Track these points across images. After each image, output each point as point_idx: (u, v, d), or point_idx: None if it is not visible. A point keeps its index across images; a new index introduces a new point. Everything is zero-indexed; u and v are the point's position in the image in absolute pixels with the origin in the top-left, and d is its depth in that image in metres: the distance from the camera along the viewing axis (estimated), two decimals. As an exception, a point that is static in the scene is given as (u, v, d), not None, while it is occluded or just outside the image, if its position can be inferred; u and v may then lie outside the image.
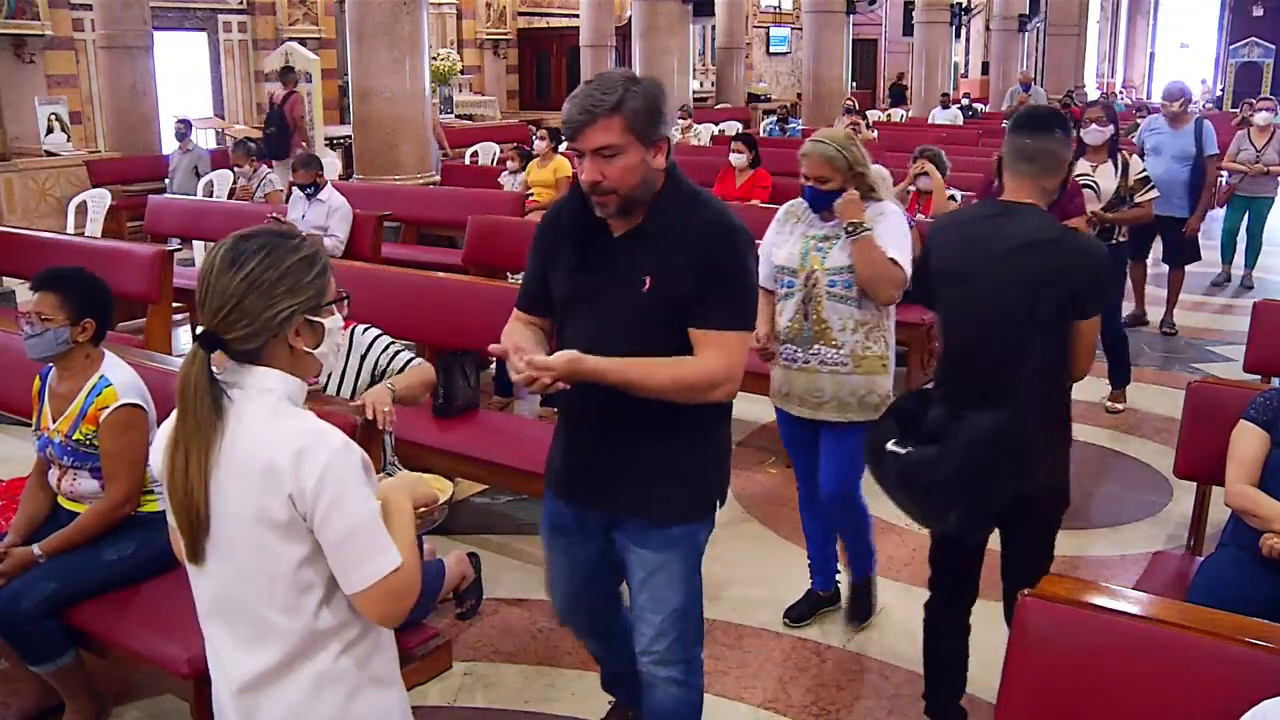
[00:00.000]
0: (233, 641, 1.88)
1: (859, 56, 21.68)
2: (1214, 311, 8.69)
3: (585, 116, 2.21)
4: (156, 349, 5.25)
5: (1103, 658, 1.98)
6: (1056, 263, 2.71)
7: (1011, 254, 2.73)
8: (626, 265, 2.33)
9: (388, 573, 1.78)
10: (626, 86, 2.23)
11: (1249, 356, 4.49)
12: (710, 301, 2.30)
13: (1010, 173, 2.83)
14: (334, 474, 1.75)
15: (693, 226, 2.31)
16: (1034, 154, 2.79)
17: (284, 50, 12.03)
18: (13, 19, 10.90)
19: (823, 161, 3.33)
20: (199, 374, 1.78)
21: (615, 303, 2.34)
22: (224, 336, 1.80)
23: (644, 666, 2.56)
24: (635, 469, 2.42)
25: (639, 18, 13.99)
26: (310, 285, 1.84)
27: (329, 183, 7.13)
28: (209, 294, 1.80)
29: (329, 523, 1.76)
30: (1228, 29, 31.57)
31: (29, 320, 3.04)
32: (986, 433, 2.66)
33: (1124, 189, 5.71)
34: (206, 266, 1.82)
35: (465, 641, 3.66)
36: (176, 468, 1.79)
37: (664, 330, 2.31)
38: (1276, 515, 2.89)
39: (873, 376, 3.42)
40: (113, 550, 3.04)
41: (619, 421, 2.37)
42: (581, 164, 2.26)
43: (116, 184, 10.48)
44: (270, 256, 1.80)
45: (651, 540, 2.45)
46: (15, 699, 3.26)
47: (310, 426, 1.79)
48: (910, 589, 4.06)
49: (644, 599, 2.50)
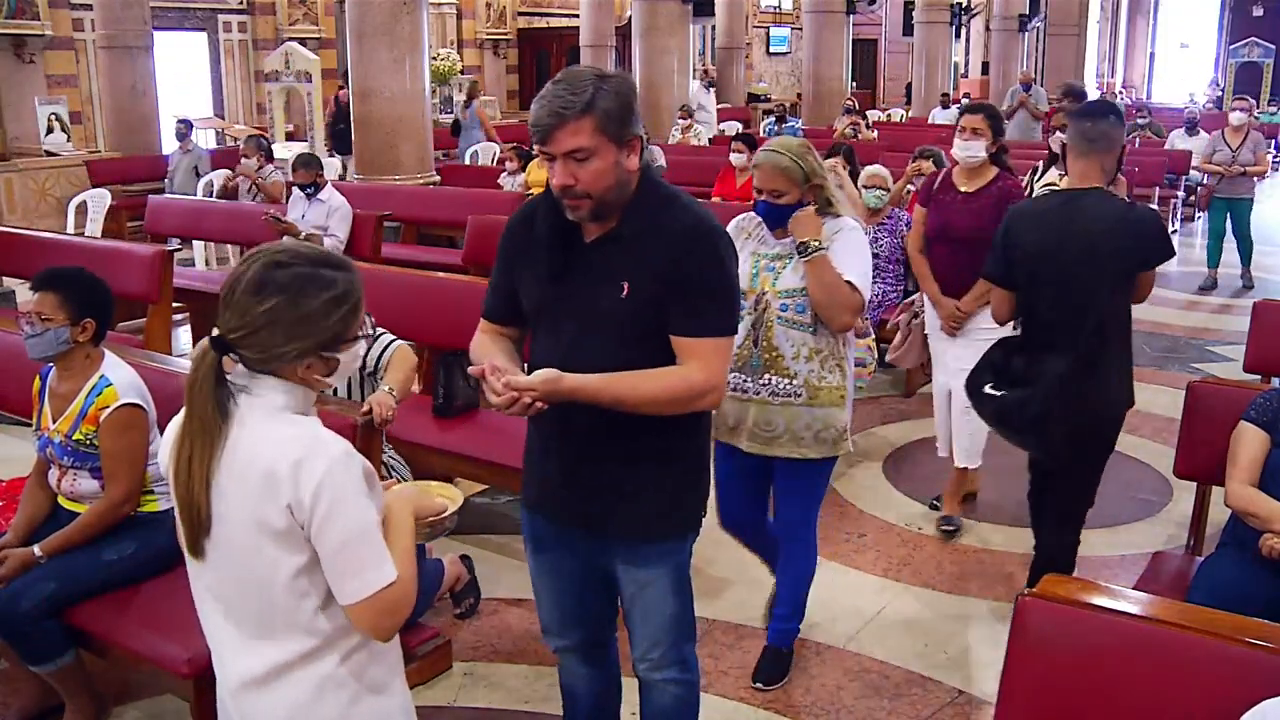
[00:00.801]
0: (231, 639, 1.88)
1: (859, 56, 21.65)
2: (1214, 311, 8.69)
3: (554, 119, 2.10)
4: (156, 349, 5.25)
5: (1103, 658, 1.98)
6: (1126, 235, 3.35)
7: (1086, 233, 3.35)
8: (602, 271, 2.23)
9: (382, 586, 1.77)
10: (596, 85, 2.11)
11: (1249, 356, 4.49)
12: (691, 307, 2.21)
13: (1075, 154, 3.45)
14: (332, 483, 1.74)
15: (670, 229, 2.21)
16: (1095, 136, 3.40)
17: (284, 50, 12.02)
18: (13, 19, 10.90)
19: (776, 172, 3.08)
20: (206, 374, 1.78)
21: (592, 309, 2.24)
22: (236, 349, 1.80)
23: (641, 672, 2.55)
24: (617, 486, 2.34)
25: (639, 18, 13.98)
26: (330, 326, 1.81)
27: (329, 183, 7.13)
28: (231, 306, 1.79)
29: (325, 532, 1.75)
30: (1228, 29, 31.57)
31: (29, 320, 3.04)
32: (1064, 375, 3.33)
33: None
34: (235, 277, 1.81)
35: (465, 641, 3.66)
36: (180, 464, 1.79)
37: (643, 336, 2.23)
38: (1276, 515, 2.89)
39: (829, 409, 3.16)
40: (113, 550, 3.04)
41: (598, 438, 2.28)
42: (552, 168, 2.15)
43: (116, 184, 10.48)
44: (296, 295, 1.78)
45: (639, 556, 2.40)
46: (15, 699, 3.26)
47: (311, 435, 1.79)
48: (910, 589, 4.06)
49: (637, 612, 2.46)
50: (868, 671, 3.53)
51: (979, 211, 4.37)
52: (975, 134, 4.39)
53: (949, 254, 4.48)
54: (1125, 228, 3.36)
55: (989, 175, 4.44)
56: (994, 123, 4.43)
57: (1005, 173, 4.52)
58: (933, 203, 4.57)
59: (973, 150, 4.41)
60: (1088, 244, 3.35)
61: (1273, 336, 4.39)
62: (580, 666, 2.65)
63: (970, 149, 4.41)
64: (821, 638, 3.71)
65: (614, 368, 2.20)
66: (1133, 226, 3.37)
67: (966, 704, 3.35)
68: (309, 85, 11.44)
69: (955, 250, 4.44)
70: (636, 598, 2.44)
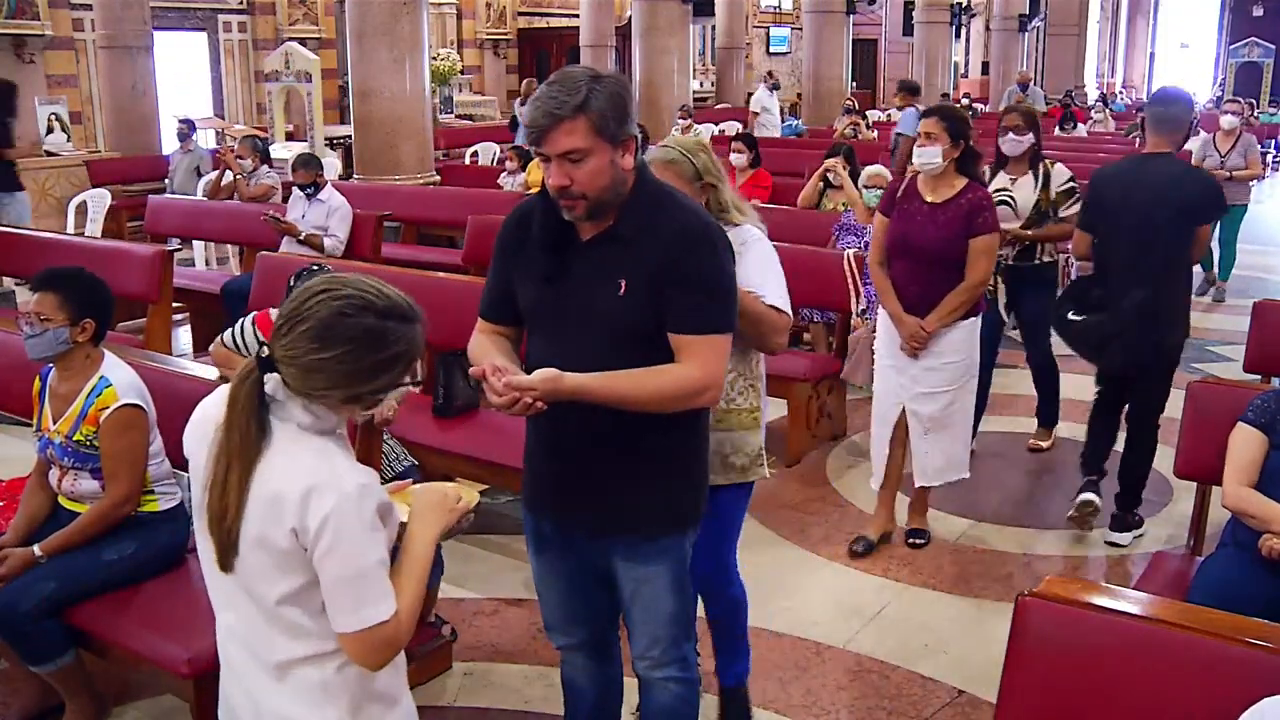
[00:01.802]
0: (239, 640, 1.89)
1: (859, 56, 21.65)
2: (1214, 311, 8.69)
3: (549, 120, 2.10)
4: (156, 349, 5.25)
5: (1103, 658, 1.98)
6: (1187, 187, 4.24)
7: (1155, 185, 4.21)
8: (599, 270, 2.23)
9: (376, 623, 1.77)
10: (590, 85, 2.11)
11: (1249, 356, 4.49)
12: (689, 305, 2.22)
13: (1151, 130, 4.37)
14: (338, 520, 1.73)
15: (667, 228, 2.22)
16: (1166, 118, 4.33)
17: (284, 50, 12.00)
18: (13, 19, 10.86)
19: (663, 166, 2.76)
20: (250, 394, 1.77)
21: (589, 308, 2.24)
22: (280, 372, 1.78)
23: (641, 670, 2.55)
24: (617, 484, 2.34)
25: (639, 18, 13.98)
26: (376, 384, 1.80)
27: (329, 182, 7.13)
28: (288, 338, 1.77)
29: (325, 565, 1.76)
30: (1228, 29, 31.57)
31: (29, 320, 3.04)
32: (1138, 304, 4.12)
33: (1045, 203, 5.04)
34: (296, 310, 1.78)
35: (465, 641, 3.66)
36: (216, 479, 1.78)
37: (640, 335, 2.23)
38: (1273, 516, 2.90)
39: (741, 433, 2.94)
40: (113, 550, 3.04)
41: (596, 437, 2.28)
42: (547, 168, 2.15)
43: (116, 184, 10.47)
44: (356, 350, 1.76)
45: (640, 553, 2.40)
46: (15, 699, 3.26)
47: (328, 466, 1.77)
48: (909, 589, 4.06)
49: (637, 610, 2.46)
50: (868, 671, 3.53)
51: (947, 224, 4.02)
52: (930, 139, 4.03)
53: (912, 268, 4.11)
54: (1187, 182, 4.27)
55: (958, 185, 4.06)
56: (951, 126, 4.04)
57: (975, 183, 4.14)
58: (895, 212, 4.18)
59: (928, 156, 4.04)
60: (1157, 194, 4.18)
61: (1273, 336, 4.39)
62: (584, 663, 2.66)
63: (926, 155, 4.05)
64: (821, 638, 3.71)
65: (611, 367, 2.20)
66: (1193, 182, 4.31)
67: (966, 704, 3.35)
68: (309, 85, 11.42)
69: (918, 265, 4.09)
70: (636, 595, 2.45)
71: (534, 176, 8.78)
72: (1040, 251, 5.13)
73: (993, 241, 4.10)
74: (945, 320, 4.05)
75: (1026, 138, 5.06)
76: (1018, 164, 5.10)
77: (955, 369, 4.14)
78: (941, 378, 4.14)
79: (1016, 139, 5.05)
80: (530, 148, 2.21)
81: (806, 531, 4.55)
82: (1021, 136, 5.05)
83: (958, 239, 3.98)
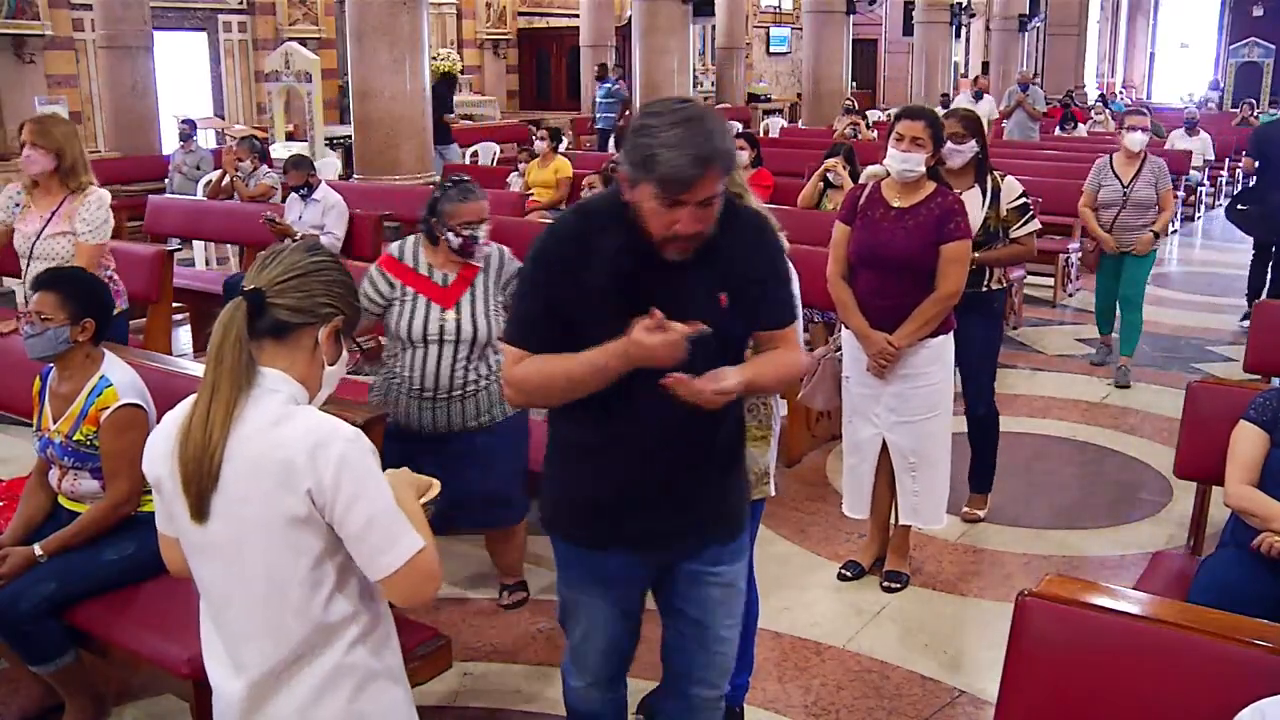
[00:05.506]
0: (238, 639, 1.89)
1: (859, 56, 21.63)
2: (1214, 311, 8.69)
3: (698, 170, 1.99)
4: (156, 349, 5.25)
5: (1103, 658, 1.98)
6: None
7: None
8: (694, 290, 2.14)
9: (415, 552, 1.81)
10: (718, 128, 2.05)
11: (1249, 356, 4.50)
12: (778, 298, 2.31)
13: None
14: (351, 463, 1.78)
15: (741, 233, 2.23)
16: None
17: (284, 50, 12.00)
18: (13, 19, 10.87)
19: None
20: (241, 324, 1.81)
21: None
22: (271, 300, 1.84)
23: (697, 692, 2.46)
24: (711, 491, 2.33)
25: (639, 18, 13.99)
26: (352, 306, 1.96)
27: (322, 181, 7.15)
28: (273, 262, 1.88)
29: (352, 511, 1.78)
30: (1228, 29, 31.53)
31: (29, 320, 3.05)
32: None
33: (994, 222, 4.36)
34: (276, 249, 1.94)
35: (465, 641, 3.66)
36: (198, 415, 1.80)
37: (738, 341, 2.26)
38: (1275, 514, 2.90)
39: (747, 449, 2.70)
40: (113, 550, 3.04)
41: (696, 444, 2.24)
42: (669, 212, 2.03)
43: (116, 184, 10.47)
44: (337, 267, 1.94)
45: (727, 555, 2.38)
46: (15, 699, 3.26)
47: (320, 421, 1.83)
48: (910, 588, 4.06)
49: (716, 622, 2.39)
50: (868, 671, 3.53)
51: (915, 230, 3.70)
52: (916, 145, 3.67)
53: (879, 280, 3.77)
54: None
55: (926, 189, 3.74)
56: (937, 133, 3.72)
57: (944, 186, 3.82)
58: (858, 220, 3.83)
59: (910, 164, 3.68)
60: None
61: (1273, 336, 4.39)
62: (599, 694, 2.55)
63: (908, 162, 3.69)
64: (821, 638, 3.71)
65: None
66: None
67: (967, 704, 3.35)
68: (309, 85, 11.42)
69: (886, 276, 3.75)
70: (721, 602, 2.38)
71: (534, 176, 8.78)
72: (989, 278, 4.41)
73: (965, 248, 3.74)
74: (916, 334, 3.73)
75: (968, 145, 4.29)
76: (960, 177, 4.28)
77: (932, 392, 3.83)
78: (917, 405, 3.82)
79: (955, 148, 4.24)
80: (668, 197, 2.03)
81: (806, 531, 4.55)
82: (962, 145, 4.27)
83: (928, 246, 3.68)
